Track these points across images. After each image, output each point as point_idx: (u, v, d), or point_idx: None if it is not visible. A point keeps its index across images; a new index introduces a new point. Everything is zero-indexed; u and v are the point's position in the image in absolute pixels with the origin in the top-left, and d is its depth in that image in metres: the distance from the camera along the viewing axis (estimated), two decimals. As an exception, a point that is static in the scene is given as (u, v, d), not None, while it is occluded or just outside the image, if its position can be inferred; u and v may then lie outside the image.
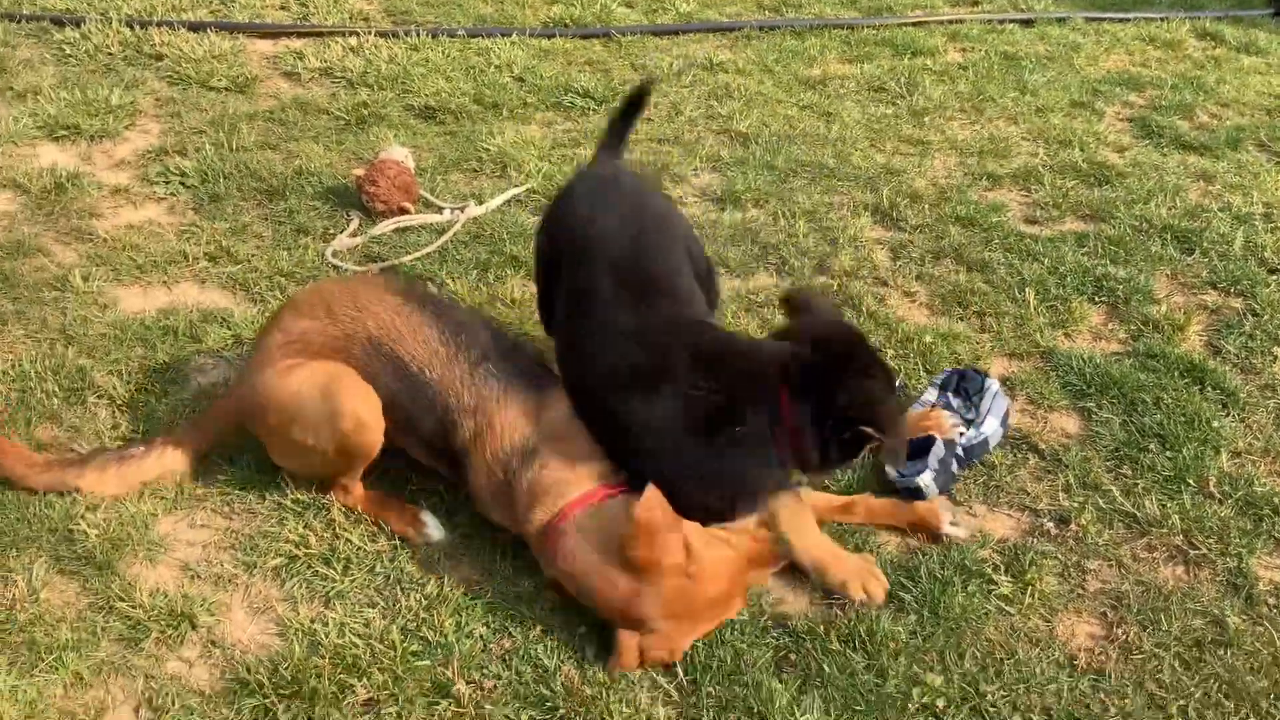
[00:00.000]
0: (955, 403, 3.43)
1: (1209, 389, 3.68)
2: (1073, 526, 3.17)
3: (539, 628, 2.82)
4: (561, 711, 2.63)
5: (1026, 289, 4.14)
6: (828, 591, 2.94)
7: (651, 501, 2.67)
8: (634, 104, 3.62)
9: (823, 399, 2.83)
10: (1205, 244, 4.53)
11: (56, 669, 2.71)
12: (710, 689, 2.70)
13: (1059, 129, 5.54)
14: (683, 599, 2.69)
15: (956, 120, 5.66)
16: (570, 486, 2.84)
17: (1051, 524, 3.18)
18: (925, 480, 3.18)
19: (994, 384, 3.47)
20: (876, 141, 5.37)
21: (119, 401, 3.53)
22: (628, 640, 2.69)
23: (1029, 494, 3.29)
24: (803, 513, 2.99)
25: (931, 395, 3.49)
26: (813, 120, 5.56)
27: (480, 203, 4.68)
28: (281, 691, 2.66)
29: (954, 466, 3.27)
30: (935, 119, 5.63)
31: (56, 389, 3.56)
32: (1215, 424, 3.51)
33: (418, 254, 4.34)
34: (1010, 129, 5.56)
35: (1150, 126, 5.63)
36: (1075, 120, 5.70)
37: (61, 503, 3.13)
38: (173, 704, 2.64)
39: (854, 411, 2.82)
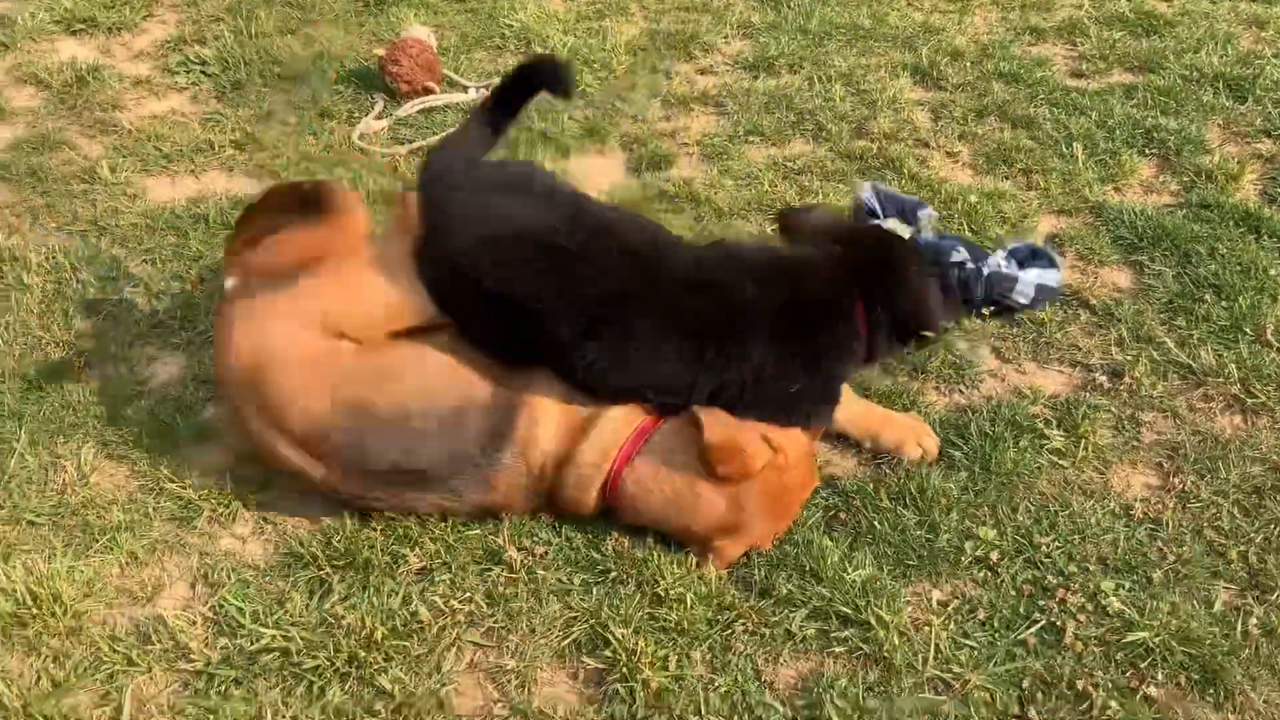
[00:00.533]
0: (1012, 265, 3.34)
1: (1265, 237, 3.56)
2: (1126, 380, 3.10)
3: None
4: (613, 573, 2.63)
5: (1074, 144, 4.00)
6: (879, 455, 2.91)
7: (714, 420, 2.63)
8: (526, 81, 3.11)
9: (889, 305, 2.82)
10: (1259, 91, 4.34)
11: (111, 549, 2.74)
12: (760, 549, 2.69)
13: (1104, -21, 5.30)
14: (778, 493, 2.66)
15: (996, -26, 5.42)
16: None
17: (1104, 378, 3.11)
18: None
19: (1057, 274, 3.36)
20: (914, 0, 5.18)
21: (155, 290, 3.51)
22: (730, 548, 2.65)
23: (1080, 349, 3.22)
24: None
25: (999, 258, 3.38)
26: (846, -20, 5.34)
27: (506, 80, 4.55)
28: (335, 563, 2.67)
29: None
30: (975, -27, 5.39)
31: (92, 279, 3.55)
32: (1272, 271, 3.40)
33: (444, 135, 4.24)
34: (1053, -19, 5.33)
35: (1200, -27, 5.38)
36: (1120, -30, 5.45)
37: (109, 387, 3.15)
38: (228, 578, 2.67)
39: (916, 318, 2.86)
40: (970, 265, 3.24)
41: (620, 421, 2.70)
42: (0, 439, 3.02)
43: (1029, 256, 3.37)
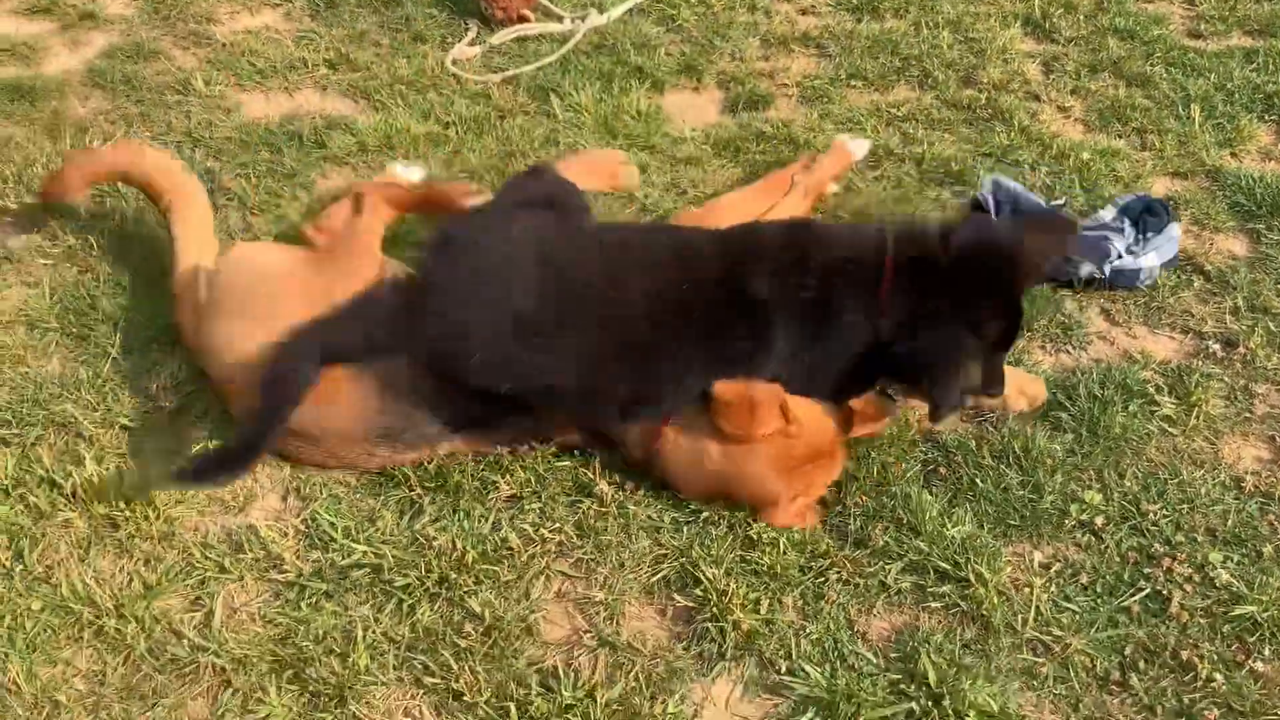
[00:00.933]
0: (1128, 229, 3.22)
1: (1392, 212, 3.42)
2: (1240, 349, 3.00)
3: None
4: (705, 514, 2.60)
5: (1191, 105, 3.85)
6: (981, 414, 2.83)
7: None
8: None
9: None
10: (1386, 61, 4.15)
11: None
12: (856, 499, 2.63)
13: (1224, -62, 5.08)
14: (784, 462, 2.57)
15: (1113, -73, 5.22)
16: None
17: (1218, 346, 3.01)
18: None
19: (1177, 230, 3.23)
20: (1026, -52, 4.99)
21: (250, 205, 3.49)
22: (777, 514, 2.60)
23: (1194, 316, 3.11)
24: None
25: (1108, 215, 3.28)
26: (956, -75, 5.17)
27: (602, 11, 4.47)
28: (427, 485, 2.66)
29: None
30: (1090, -75, 5.19)
31: (188, 188, 3.54)
32: (1398, 247, 3.26)
33: (539, 64, 4.18)
34: (1171, -62, 5.12)
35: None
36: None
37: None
38: (320, 493, 2.66)
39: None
40: (1099, 275, 3.14)
41: None
42: (95, 343, 3.03)
43: (1143, 212, 3.25)
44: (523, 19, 4.40)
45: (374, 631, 2.37)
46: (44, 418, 2.81)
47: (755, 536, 2.53)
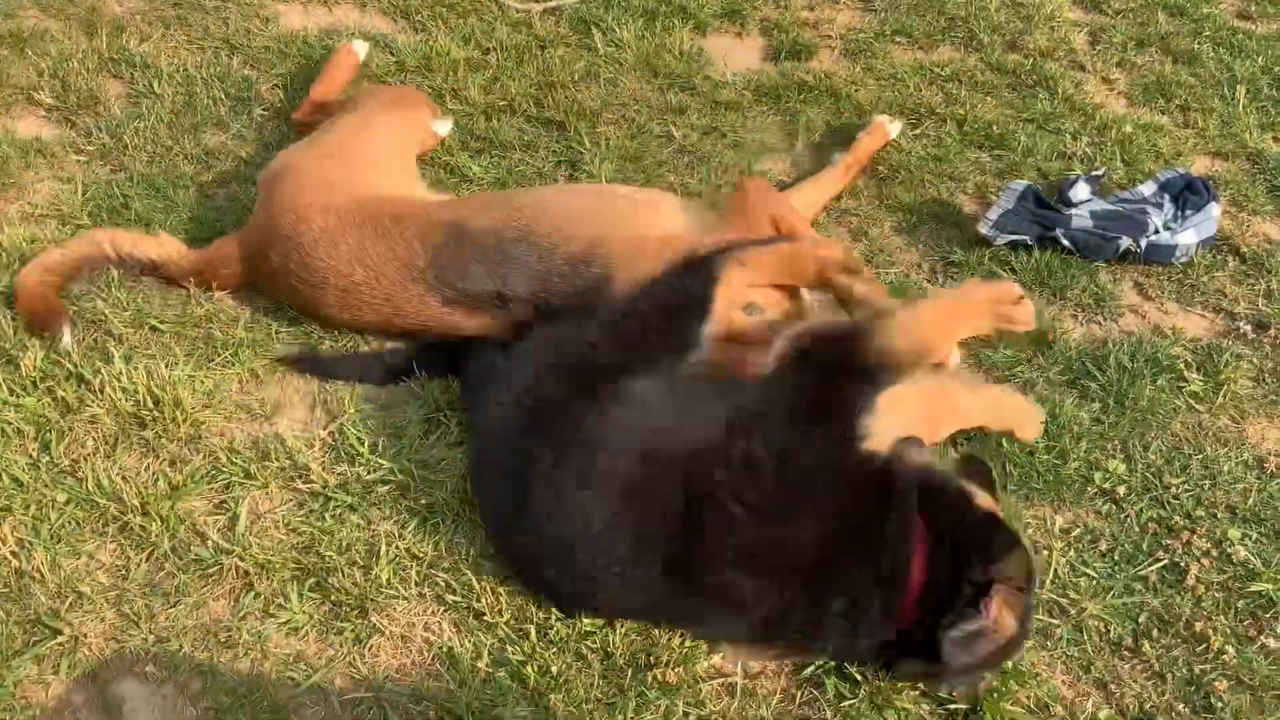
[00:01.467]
0: (1167, 205, 3.21)
1: None
2: (1271, 332, 2.99)
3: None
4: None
5: (1237, 86, 3.81)
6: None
7: None
8: None
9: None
10: None
11: (232, 364, 2.75)
12: (882, 451, 2.64)
13: (1278, -79, 5.02)
14: None
15: (1167, -98, 5.15)
16: None
17: (1249, 328, 3.01)
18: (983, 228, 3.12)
19: (1216, 209, 3.21)
20: (1079, -83, 4.92)
21: (286, 115, 3.46)
22: None
23: (1226, 296, 3.10)
24: None
25: (1149, 189, 3.26)
26: (1009, -112, 5.09)
27: (648, -52, 4.40)
28: (451, 405, 2.67)
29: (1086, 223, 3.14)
30: (1144, -102, 5.12)
31: (223, 96, 3.51)
32: None
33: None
34: (1225, -83, 5.05)
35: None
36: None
37: (235, 206, 3.14)
38: (347, 407, 2.66)
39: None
40: (1134, 249, 3.11)
41: None
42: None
43: (1184, 189, 3.24)
44: (567, -51, 4.34)
45: (397, 547, 2.39)
46: (74, 313, 2.80)
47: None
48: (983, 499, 2.26)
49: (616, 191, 2.96)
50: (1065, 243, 3.11)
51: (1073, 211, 3.14)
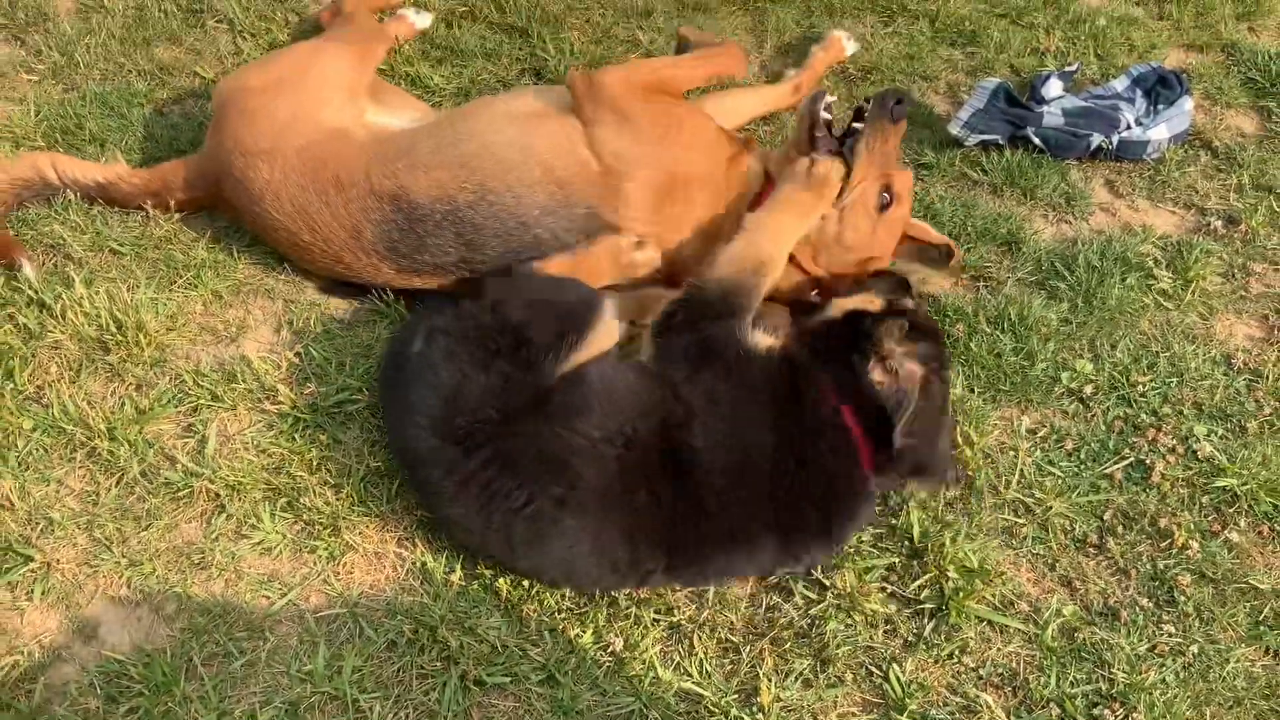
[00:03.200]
0: (1139, 100, 3.17)
1: (1405, 96, 3.37)
2: (1241, 228, 2.99)
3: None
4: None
5: (1213, -25, 3.75)
6: None
7: None
8: None
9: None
10: None
11: (195, 286, 2.71)
12: (851, 357, 2.64)
13: None
14: None
15: None
16: None
17: (1219, 223, 3.00)
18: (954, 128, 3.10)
19: (1189, 103, 3.17)
20: None
21: (240, 27, 3.37)
22: None
23: (1197, 192, 3.09)
24: None
25: (1121, 84, 3.22)
26: None
27: None
28: (421, 323, 2.65)
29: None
30: None
31: (175, 8, 3.41)
32: None
33: None
34: None
35: None
36: None
37: (190, 123, 3.07)
38: (314, 327, 2.64)
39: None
40: (1106, 145, 3.09)
41: None
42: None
43: (1156, 83, 3.20)
44: None
45: (368, 465, 2.39)
46: (31, 237, 2.76)
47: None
48: (860, 301, 2.38)
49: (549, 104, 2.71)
50: (1037, 141, 3.08)
51: (1044, 109, 3.10)
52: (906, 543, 2.33)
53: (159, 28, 3.35)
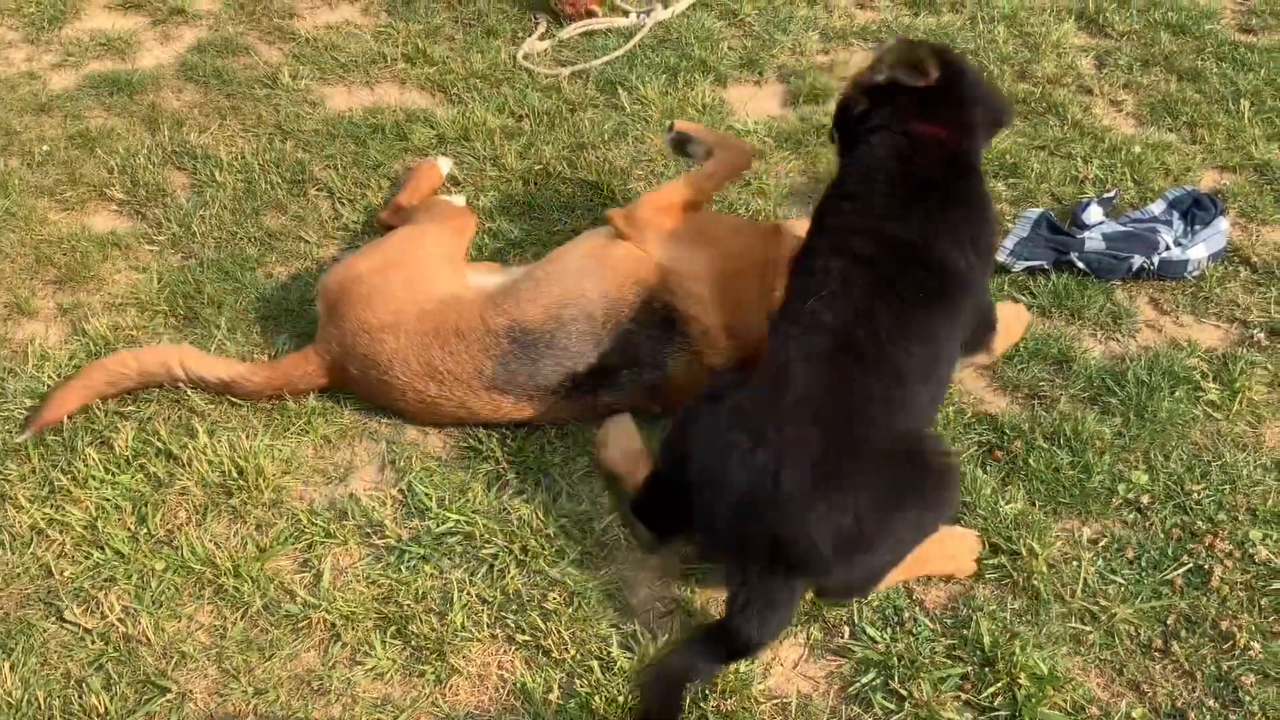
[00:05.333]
0: (1176, 222, 3.36)
1: None
2: (1284, 338, 3.13)
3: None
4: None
5: (1241, 100, 3.96)
6: None
7: None
8: None
9: None
10: None
11: (307, 432, 2.97)
12: (915, 476, 2.80)
13: (1278, -69, 5.15)
14: None
15: (1166, -79, 5.30)
16: None
17: (1262, 335, 3.14)
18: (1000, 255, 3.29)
19: (1224, 223, 3.36)
20: (1079, -57, 5.09)
21: (338, 194, 3.71)
22: None
23: (1239, 305, 3.24)
24: None
25: (1158, 208, 3.42)
26: (1010, -79, 5.28)
27: (666, 6, 4.64)
28: (512, 459, 2.87)
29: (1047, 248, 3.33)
30: (1143, -81, 5.29)
31: (279, 180, 3.77)
32: None
33: (607, 58, 4.35)
34: (1224, -69, 5.20)
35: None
36: (1296, -78, 5.29)
37: (297, 283, 3.38)
38: (414, 465, 2.88)
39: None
40: (1148, 265, 3.28)
41: None
42: (201, 324, 3.26)
43: (1191, 205, 3.39)
44: (590, 14, 4.58)
45: (468, 593, 2.59)
46: (158, 394, 3.05)
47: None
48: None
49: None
50: (1081, 265, 3.27)
51: (1085, 235, 3.29)
52: (978, 651, 2.45)
53: (266, 198, 3.70)
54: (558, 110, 4.08)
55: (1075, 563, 2.61)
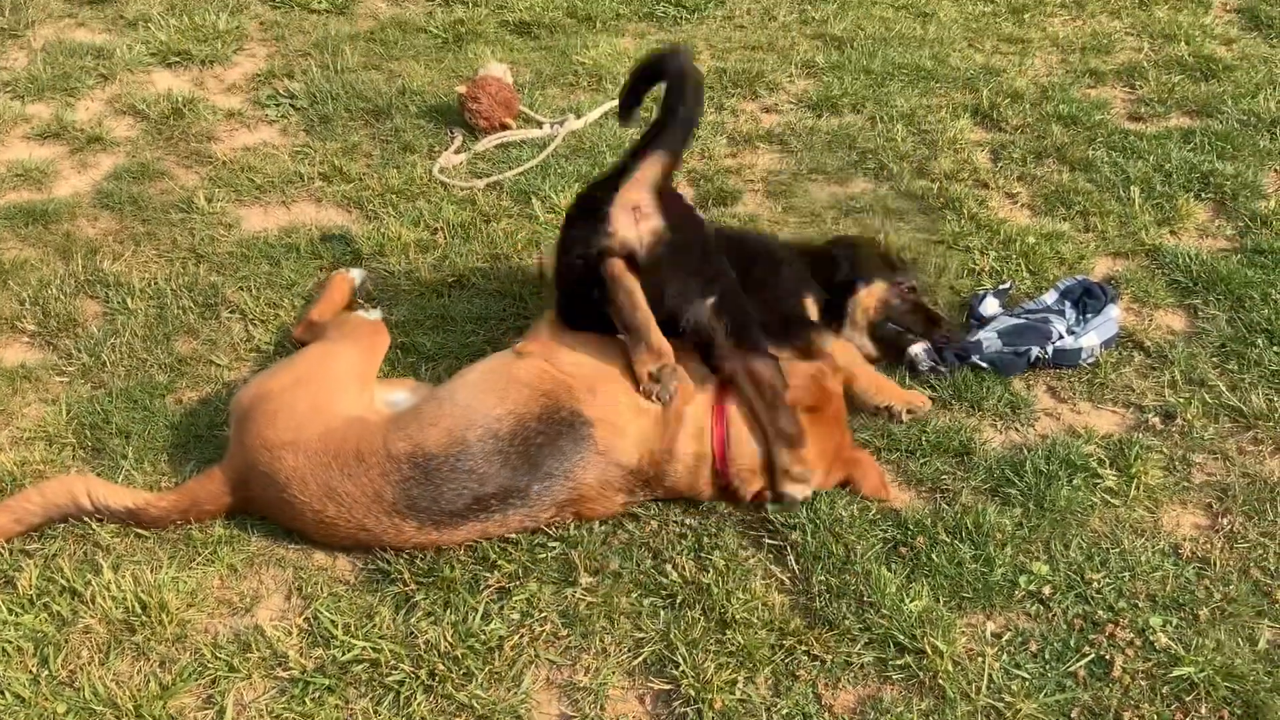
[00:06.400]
0: (1069, 312, 3.47)
1: (1319, 284, 3.65)
2: (1178, 421, 3.21)
3: (653, 523, 2.98)
4: (680, 598, 2.79)
5: (1132, 187, 4.11)
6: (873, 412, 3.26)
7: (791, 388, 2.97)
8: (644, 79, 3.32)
9: None
10: (1317, 137, 4.42)
11: (213, 562, 2.94)
12: (822, 577, 2.82)
13: (1164, 22, 5.40)
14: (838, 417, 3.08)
15: (1057, 16, 5.55)
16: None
17: (1157, 419, 3.22)
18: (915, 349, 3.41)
19: (1115, 310, 3.48)
20: (975, 41, 5.31)
21: (250, 316, 3.73)
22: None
23: (1134, 390, 3.33)
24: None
25: (1050, 298, 3.53)
26: (909, 21, 5.50)
27: (579, 116, 4.75)
28: (420, 580, 2.85)
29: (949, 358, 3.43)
30: (1035, 15, 5.53)
31: (191, 304, 3.78)
32: (1326, 319, 3.49)
33: (520, 169, 4.44)
34: (1113, 24, 5.44)
35: (1259, 17, 5.46)
36: (1180, 13, 5.55)
37: (208, 409, 3.37)
38: (321, 591, 2.85)
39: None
40: (1043, 355, 3.37)
41: (700, 409, 2.98)
42: (109, 455, 3.24)
43: (1083, 294, 3.49)
44: (504, 126, 4.68)
45: (374, 725, 2.56)
46: (63, 530, 3.01)
47: (730, 617, 2.72)
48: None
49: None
50: (984, 365, 3.34)
51: (981, 335, 3.38)
52: (885, 756, 2.45)
53: (177, 323, 3.71)
54: (472, 222, 4.14)
55: (980, 659, 2.63)
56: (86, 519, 3.00)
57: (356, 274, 3.80)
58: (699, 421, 2.96)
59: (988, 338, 3.36)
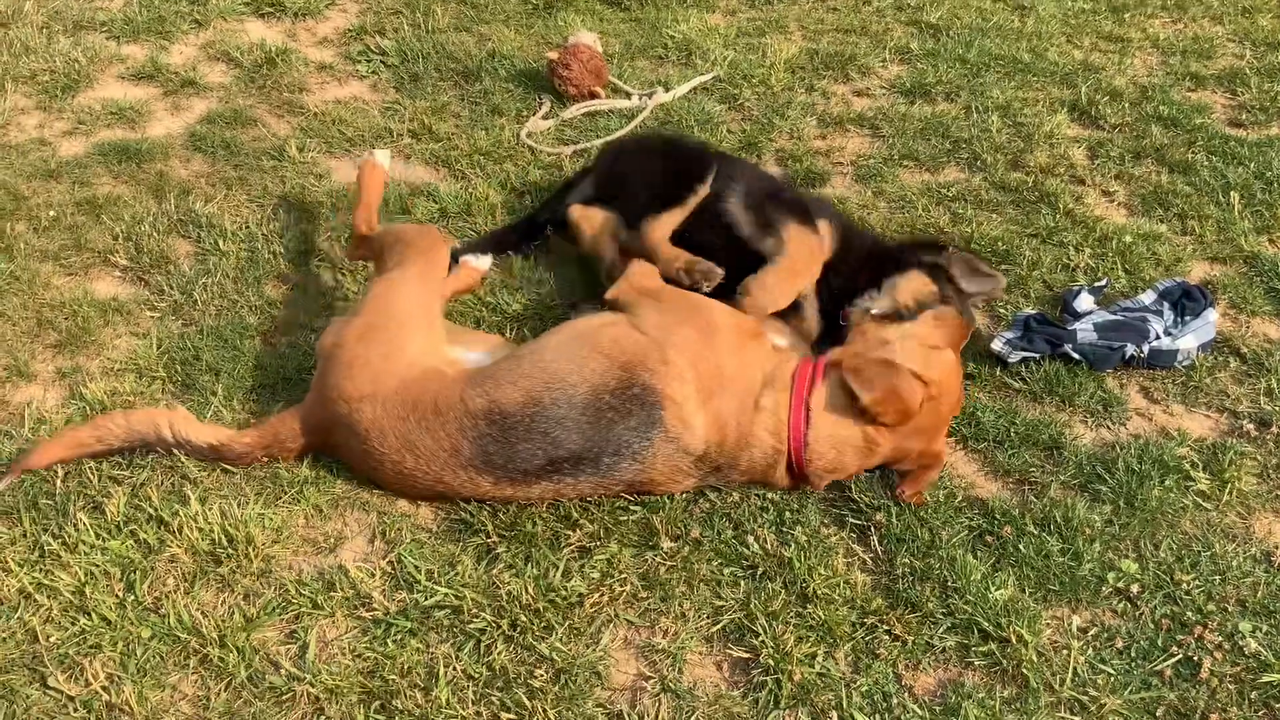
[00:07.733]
0: (1168, 313, 3.41)
1: None
2: (1273, 429, 3.15)
3: (735, 494, 2.97)
4: (761, 569, 2.78)
5: (1231, 192, 4.03)
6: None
7: (862, 379, 2.81)
8: None
9: None
10: None
11: (298, 501, 2.97)
12: (906, 560, 2.80)
13: (1267, 31, 5.28)
14: (937, 423, 2.93)
15: (1158, 18, 5.45)
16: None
17: (1252, 425, 3.17)
18: (997, 345, 3.35)
19: (1213, 314, 3.41)
20: (1074, 37, 5.22)
21: (340, 267, 3.76)
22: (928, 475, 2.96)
23: (1229, 396, 3.27)
24: None
25: (1149, 298, 3.47)
26: (1006, 13, 5.42)
27: (667, 89, 4.73)
28: (502, 533, 2.87)
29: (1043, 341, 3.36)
30: (1136, 16, 5.43)
31: (282, 250, 3.81)
32: None
33: (608, 138, 4.43)
34: (1215, 29, 5.33)
35: (1366, 30, 5.33)
36: (1284, 21, 5.43)
37: (296, 354, 3.40)
38: (404, 537, 2.88)
39: None
40: (1138, 354, 3.31)
41: (780, 400, 2.91)
42: (199, 391, 3.28)
43: (1181, 297, 3.43)
44: (593, 95, 4.67)
45: (454, 668, 2.57)
46: (152, 460, 3.05)
47: (811, 592, 2.71)
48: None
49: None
50: (1075, 355, 3.30)
51: (1077, 325, 3.33)
52: (966, 741, 2.43)
53: (268, 268, 3.75)
54: (558, 186, 4.14)
55: (1065, 651, 2.60)
56: (174, 450, 3.04)
57: (382, 155, 3.76)
58: (778, 414, 2.90)
59: (1083, 329, 3.31)
